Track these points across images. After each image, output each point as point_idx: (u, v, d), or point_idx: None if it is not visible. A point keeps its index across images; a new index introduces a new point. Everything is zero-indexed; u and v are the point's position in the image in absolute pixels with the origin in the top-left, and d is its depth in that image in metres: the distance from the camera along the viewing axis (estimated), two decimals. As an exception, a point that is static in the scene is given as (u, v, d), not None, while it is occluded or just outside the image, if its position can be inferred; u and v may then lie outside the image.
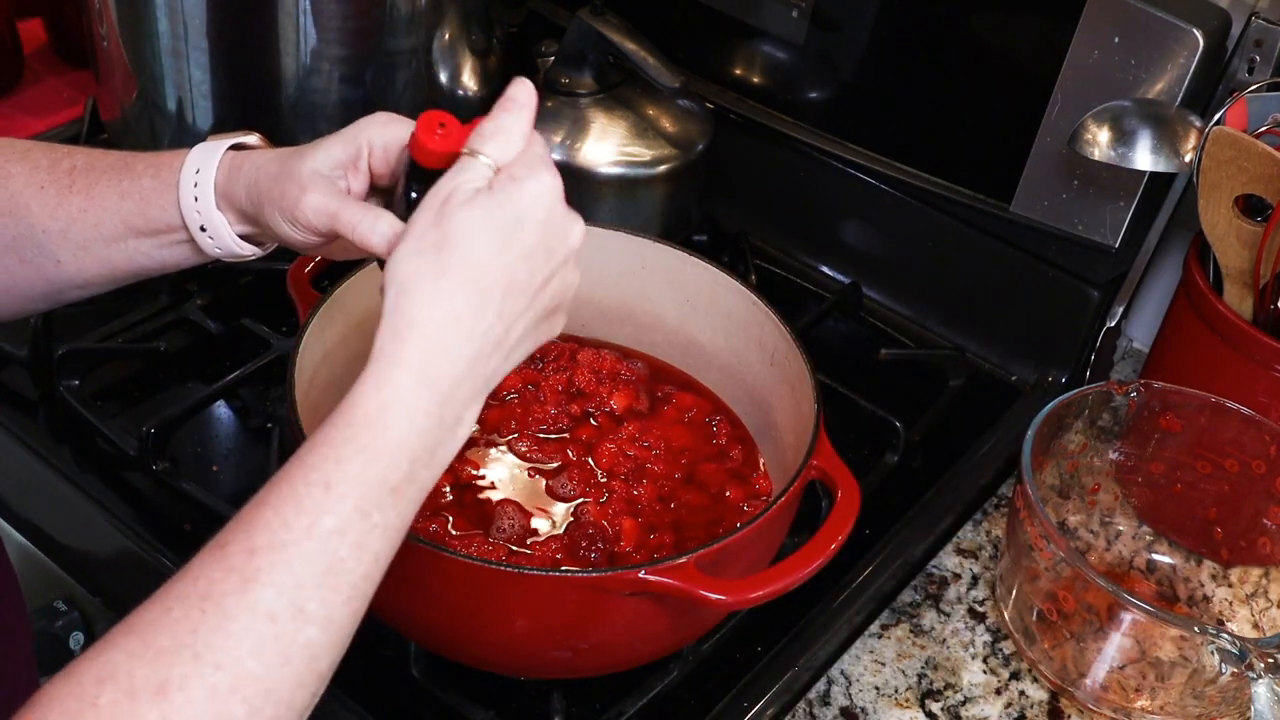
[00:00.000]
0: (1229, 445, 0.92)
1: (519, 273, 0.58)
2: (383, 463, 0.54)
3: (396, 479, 0.54)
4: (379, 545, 0.53)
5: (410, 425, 0.55)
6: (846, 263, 1.21)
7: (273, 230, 0.67)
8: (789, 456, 0.84)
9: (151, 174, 0.69)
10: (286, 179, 0.65)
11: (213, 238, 0.69)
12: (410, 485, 0.55)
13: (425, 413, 0.55)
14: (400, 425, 0.54)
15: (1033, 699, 0.86)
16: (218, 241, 0.69)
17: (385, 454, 0.54)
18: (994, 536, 0.98)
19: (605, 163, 1.10)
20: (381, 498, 0.53)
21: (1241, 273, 0.92)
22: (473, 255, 0.57)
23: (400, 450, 0.54)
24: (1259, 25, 0.96)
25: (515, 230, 0.58)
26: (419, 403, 0.55)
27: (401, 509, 0.55)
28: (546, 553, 0.80)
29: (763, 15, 1.14)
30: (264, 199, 0.66)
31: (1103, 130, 0.93)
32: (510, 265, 0.58)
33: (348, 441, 0.53)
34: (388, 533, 0.54)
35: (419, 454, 0.55)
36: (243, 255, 0.71)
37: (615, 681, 0.81)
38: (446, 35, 1.10)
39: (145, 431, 0.89)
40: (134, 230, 0.69)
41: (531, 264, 0.59)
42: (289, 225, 0.65)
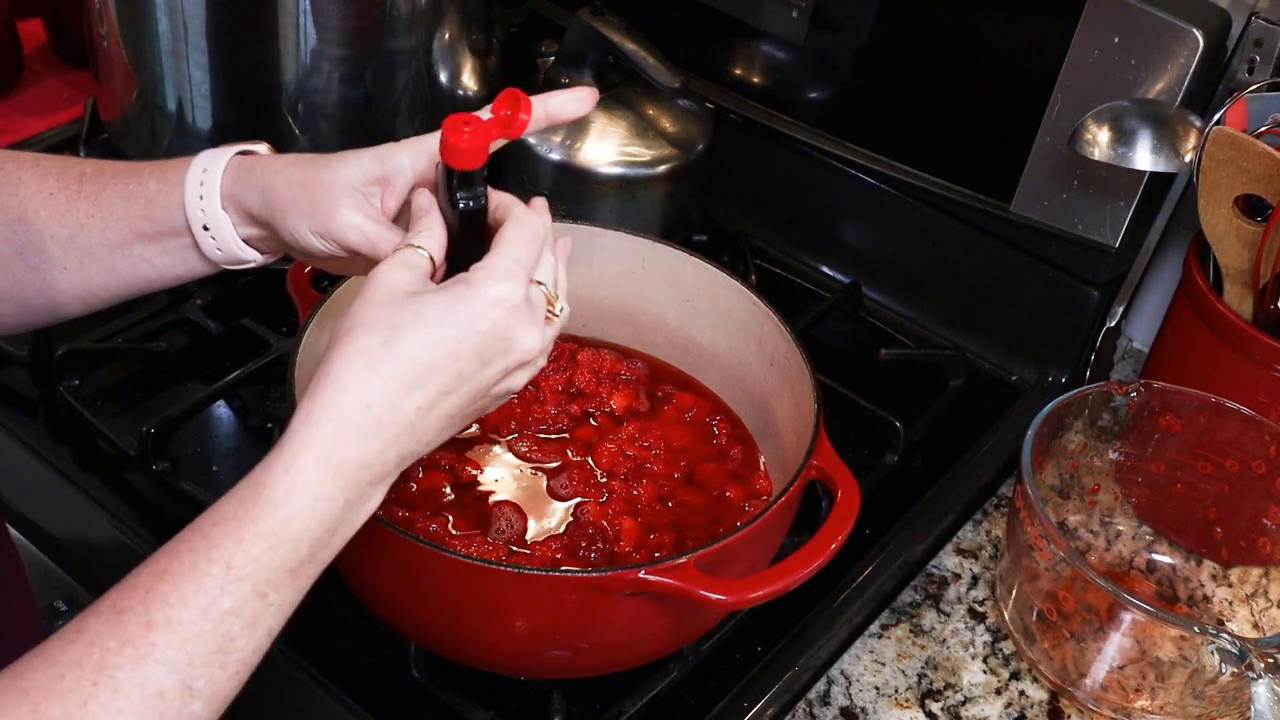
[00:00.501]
0: (1229, 445, 0.92)
1: (446, 375, 0.59)
2: (284, 549, 0.54)
3: (295, 562, 0.55)
4: (272, 622, 0.54)
5: (314, 512, 0.55)
6: (846, 263, 1.21)
7: (289, 236, 0.67)
8: (789, 456, 0.84)
9: (158, 178, 0.69)
10: (316, 188, 0.65)
11: (215, 238, 0.69)
12: (309, 565, 0.56)
13: (330, 499, 0.56)
14: (304, 513, 0.55)
15: (1033, 699, 0.86)
16: (220, 242, 0.69)
17: (287, 540, 0.54)
18: (994, 536, 0.98)
19: (605, 163, 1.10)
20: (280, 580, 0.54)
21: (1241, 273, 0.92)
22: (406, 354, 0.57)
23: (302, 535, 0.55)
24: (1259, 25, 0.96)
25: (456, 336, 0.59)
26: (325, 489, 0.55)
27: (298, 585, 0.56)
28: (546, 553, 0.80)
29: (763, 15, 1.14)
30: (286, 205, 0.66)
31: (1103, 130, 0.93)
32: (439, 366, 0.58)
33: (252, 523, 0.54)
34: (282, 609, 0.55)
35: (320, 538, 0.56)
36: (244, 260, 0.71)
37: (615, 681, 0.81)
38: (446, 35, 1.10)
39: (145, 431, 0.89)
40: (139, 234, 0.69)
41: (462, 368, 0.59)
42: (315, 236, 0.65)
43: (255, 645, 0.53)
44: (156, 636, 0.50)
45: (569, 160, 1.10)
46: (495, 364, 0.61)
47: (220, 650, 0.51)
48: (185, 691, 0.50)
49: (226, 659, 0.52)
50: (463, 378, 0.59)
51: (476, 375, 0.60)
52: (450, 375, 0.59)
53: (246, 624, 0.52)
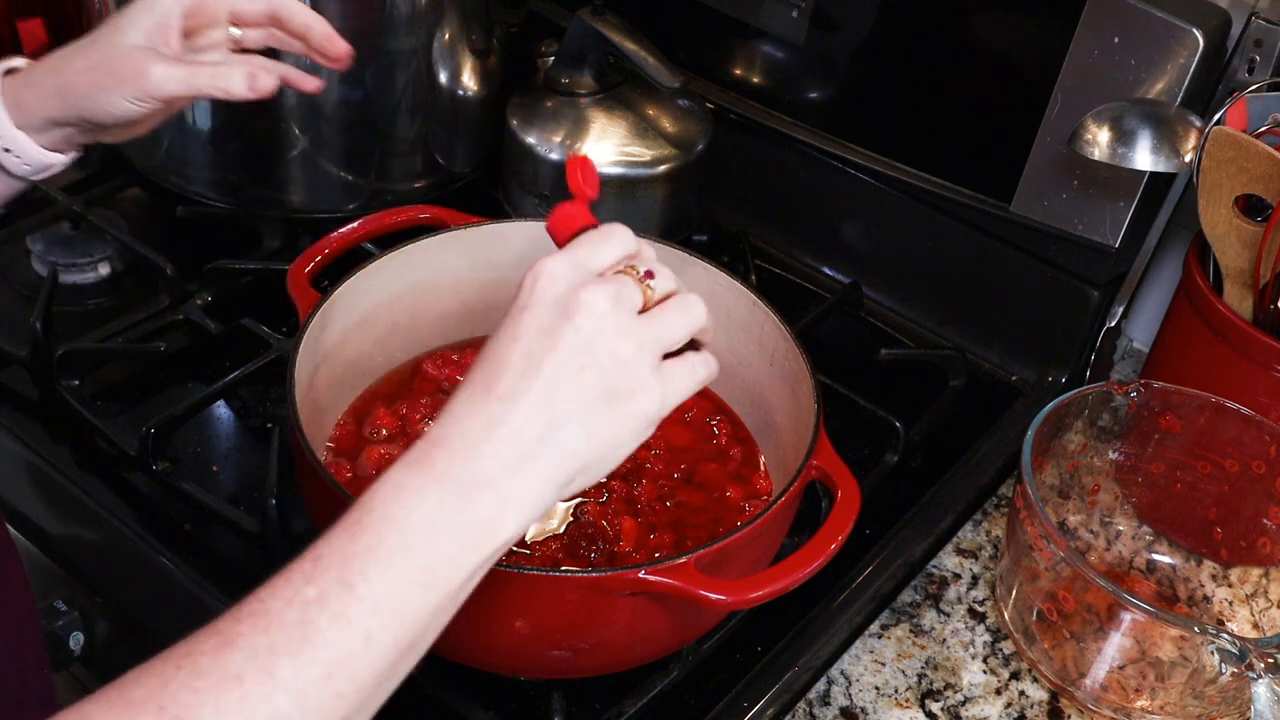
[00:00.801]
0: (1229, 445, 0.92)
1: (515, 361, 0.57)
2: (367, 537, 0.52)
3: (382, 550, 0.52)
4: (368, 621, 0.51)
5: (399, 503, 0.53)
6: (846, 263, 1.21)
7: (104, 114, 0.74)
8: (789, 456, 0.84)
9: None
10: (113, 63, 0.73)
11: (19, 156, 0.75)
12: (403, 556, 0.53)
13: (418, 490, 0.54)
14: (387, 502, 0.53)
15: (1033, 699, 0.86)
16: (25, 158, 0.75)
17: (370, 529, 0.53)
18: (994, 536, 0.98)
19: (605, 163, 1.10)
20: (367, 569, 0.52)
21: (1241, 273, 0.92)
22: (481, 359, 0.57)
23: (385, 524, 0.53)
24: (1259, 25, 0.96)
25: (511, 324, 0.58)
26: (409, 482, 0.54)
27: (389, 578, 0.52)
28: (546, 553, 0.80)
29: (763, 15, 1.14)
30: (90, 90, 0.73)
31: (1103, 130, 0.93)
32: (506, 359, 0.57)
33: (339, 523, 0.54)
34: (379, 608, 0.51)
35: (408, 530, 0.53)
36: (50, 165, 0.77)
37: (615, 681, 0.81)
38: (446, 35, 1.10)
39: (145, 431, 0.89)
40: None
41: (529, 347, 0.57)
42: (132, 102, 0.72)
43: (351, 648, 0.51)
44: (243, 626, 0.50)
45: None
46: (562, 335, 0.57)
47: (305, 641, 0.50)
48: (266, 679, 0.49)
49: (315, 654, 0.50)
50: (531, 358, 0.56)
51: (549, 353, 0.56)
52: (519, 361, 0.56)
53: (334, 616, 0.50)
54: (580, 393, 0.57)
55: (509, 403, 0.56)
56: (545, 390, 0.56)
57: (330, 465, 0.85)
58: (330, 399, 0.88)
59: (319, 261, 0.89)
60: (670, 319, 0.61)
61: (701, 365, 0.63)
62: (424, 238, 0.91)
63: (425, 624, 0.53)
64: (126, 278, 1.10)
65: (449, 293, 0.94)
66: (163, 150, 1.11)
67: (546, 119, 1.12)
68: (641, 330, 0.59)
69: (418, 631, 0.53)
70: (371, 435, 0.88)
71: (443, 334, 0.96)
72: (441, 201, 1.00)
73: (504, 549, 0.56)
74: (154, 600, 0.87)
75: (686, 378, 0.62)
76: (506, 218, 1.09)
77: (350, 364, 0.90)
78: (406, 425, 0.88)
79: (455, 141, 1.17)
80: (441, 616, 0.54)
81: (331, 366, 0.87)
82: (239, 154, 1.09)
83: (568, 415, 0.56)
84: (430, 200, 1.08)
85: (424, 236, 0.91)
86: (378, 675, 0.52)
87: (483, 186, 1.21)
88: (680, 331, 0.61)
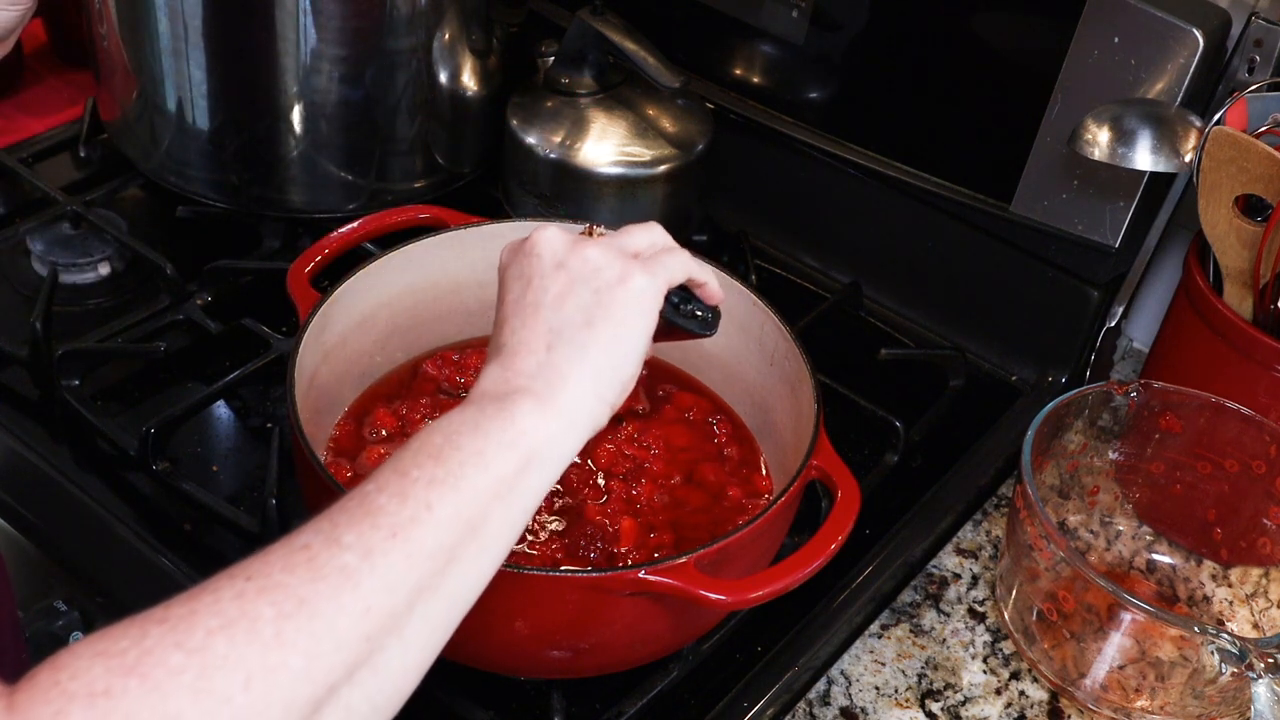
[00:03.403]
0: (1229, 445, 0.92)
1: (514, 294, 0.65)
2: (414, 443, 0.56)
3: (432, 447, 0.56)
4: (426, 493, 0.53)
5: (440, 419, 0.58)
6: (846, 263, 1.21)
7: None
8: (789, 456, 0.84)
9: None
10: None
11: None
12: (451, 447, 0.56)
13: (459, 411, 0.58)
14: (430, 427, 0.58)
15: (1033, 699, 0.86)
16: None
17: (416, 439, 0.56)
18: (994, 536, 0.98)
19: (605, 163, 1.10)
20: (420, 461, 0.54)
21: (1241, 273, 0.92)
22: None
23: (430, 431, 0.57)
24: (1259, 25, 0.96)
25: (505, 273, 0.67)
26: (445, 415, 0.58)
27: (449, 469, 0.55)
28: (546, 553, 0.80)
29: (763, 15, 1.14)
30: None
31: (1103, 130, 0.93)
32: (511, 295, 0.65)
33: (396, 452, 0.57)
34: (435, 484, 0.54)
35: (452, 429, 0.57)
36: None
37: (615, 681, 0.81)
38: (446, 35, 1.10)
39: (145, 431, 0.89)
40: None
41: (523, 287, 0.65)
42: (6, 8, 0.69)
43: (413, 513, 0.52)
44: (305, 525, 0.52)
45: (569, 160, 1.10)
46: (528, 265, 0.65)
47: (368, 514, 0.52)
48: (331, 543, 0.50)
49: (377, 520, 0.51)
50: (517, 300, 0.64)
51: (527, 285, 0.64)
52: (510, 310, 0.64)
53: (392, 495, 0.53)
54: (570, 300, 0.63)
55: (514, 337, 0.63)
56: (535, 309, 0.63)
57: (330, 465, 0.85)
58: (330, 399, 0.88)
59: (319, 261, 0.89)
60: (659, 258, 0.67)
61: (676, 257, 0.68)
62: (424, 238, 0.91)
63: (484, 503, 0.55)
64: (126, 278, 1.10)
65: (449, 293, 0.94)
66: (163, 150, 1.11)
67: (546, 119, 1.12)
68: (603, 242, 0.66)
69: (478, 510, 0.55)
70: (371, 435, 0.88)
71: (443, 334, 0.96)
72: (441, 201, 1.00)
73: (561, 451, 0.60)
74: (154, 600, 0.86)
75: (664, 265, 0.66)
76: (506, 218, 1.09)
77: (350, 364, 0.90)
78: (406, 425, 0.88)
79: (455, 141, 1.17)
80: (501, 505, 0.56)
81: (331, 366, 0.87)
82: (239, 154, 1.09)
83: (566, 321, 0.62)
84: (430, 200, 1.08)
85: (424, 236, 0.91)
86: (444, 547, 0.53)
87: (483, 186, 1.21)
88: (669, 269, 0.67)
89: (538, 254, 0.65)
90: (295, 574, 0.48)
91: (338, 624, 0.48)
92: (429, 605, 0.53)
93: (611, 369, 0.63)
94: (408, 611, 0.51)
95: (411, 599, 0.51)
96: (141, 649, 0.45)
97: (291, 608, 0.47)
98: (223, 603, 0.47)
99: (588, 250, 0.64)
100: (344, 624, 0.48)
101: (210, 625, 0.46)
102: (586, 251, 0.64)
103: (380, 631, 0.50)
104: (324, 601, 0.48)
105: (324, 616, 0.48)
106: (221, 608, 0.46)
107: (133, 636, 0.45)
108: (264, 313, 1.03)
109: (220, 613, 0.46)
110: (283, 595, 0.47)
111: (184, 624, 0.46)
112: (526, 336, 0.62)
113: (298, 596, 0.48)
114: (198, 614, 0.46)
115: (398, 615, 0.51)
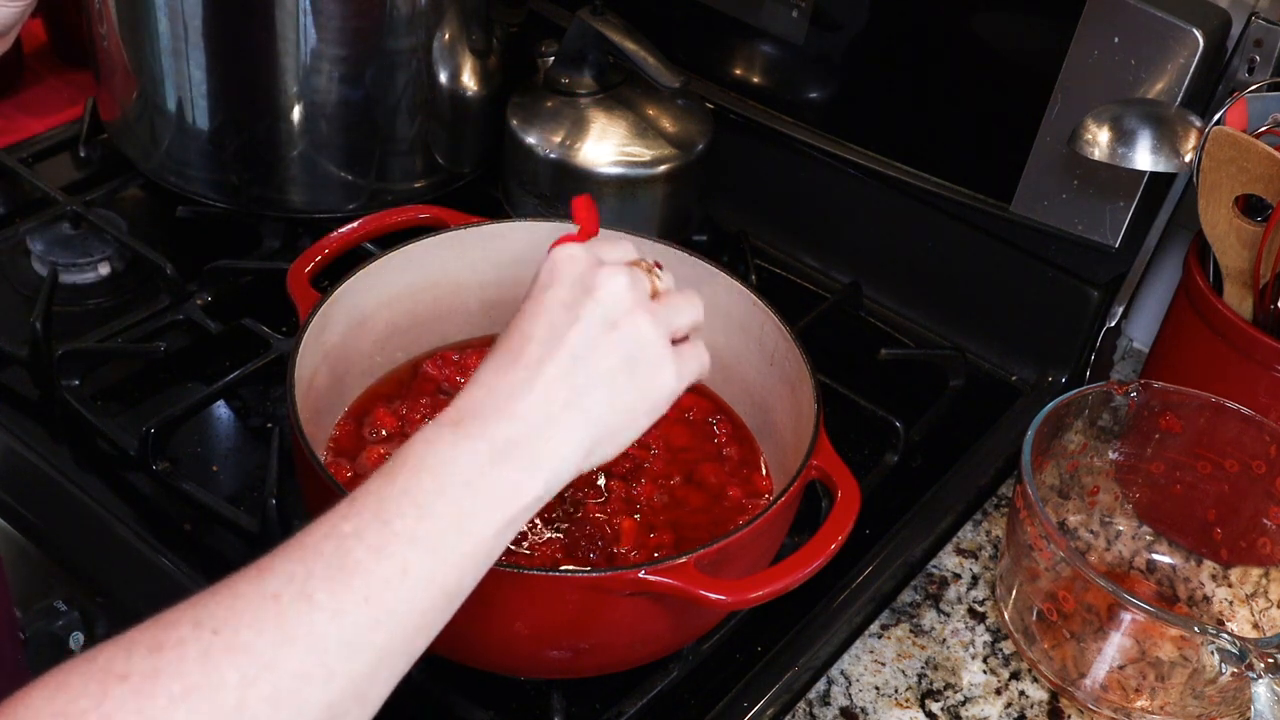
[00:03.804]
0: (1229, 445, 0.92)
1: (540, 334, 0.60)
2: (402, 481, 0.54)
3: (419, 493, 0.54)
4: (406, 554, 0.52)
5: (425, 449, 0.55)
6: (846, 263, 1.21)
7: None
8: (789, 456, 0.84)
9: None
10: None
11: None
12: (438, 499, 0.54)
13: (451, 443, 0.56)
14: (419, 447, 0.56)
15: (1033, 699, 0.86)
16: None
17: (405, 475, 0.54)
18: (994, 536, 0.98)
19: (605, 163, 1.10)
20: (404, 508, 0.53)
21: (1241, 273, 0.92)
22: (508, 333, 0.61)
23: (420, 471, 0.55)
24: (1259, 25, 0.96)
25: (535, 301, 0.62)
26: (441, 435, 0.56)
27: (421, 513, 0.54)
28: (546, 553, 0.80)
29: (763, 15, 1.14)
30: None
31: (1103, 130, 0.93)
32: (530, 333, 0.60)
33: (372, 476, 0.55)
34: (416, 540, 0.52)
35: (443, 476, 0.55)
36: None
37: (615, 681, 0.81)
38: (446, 35, 1.10)
39: (145, 431, 0.89)
40: None
41: (552, 320, 0.60)
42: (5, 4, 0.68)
43: (388, 575, 0.51)
44: (278, 559, 0.51)
45: (569, 160, 1.10)
46: (584, 308, 0.61)
47: (342, 568, 0.50)
48: (303, 600, 0.49)
49: (351, 579, 0.50)
50: (555, 329, 0.60)
51: (573, 324, 0.60)
52: (544, 332, 0.60)
53: (371, 548, 0.51)
54: (603, 362, 0.60)
55: (535, 370, 0.59)
56: (569, 359, 0.59)
57: (330, 465, 0.85)
58: (330, 399, 0.88)
59: (319, 261, 0.89)
60: (678, 304, 0.66)
61: (703, 352, 0.67)
62: (424, 238, 0.91)
63: (461, 571, 0.54)
64: (126, 278, 1.10)
65: (449, 292, 0.94)
66: (163, 150, 1.11)
67: (546, 119, 1.12)
68: (656, 309, 0.63)
69: (454, 578, 0.54)
70: (371, 435, 0.88)
71: (442, 334, 0.96)
72: (441, 201, 1.00)
73: (532, 511, 0.58)
74: (154, 600, 0.86)
75: (692, 360, 0.66)
76: (506, 218, 1.09)
77: (350, 364, 0.90)
78: (406, 425, 0.88)
79: (455, 141, 1.17)
80: (475, 570, 0.55)
81: (331, 366, 0.87)
82: (239, 154, 1.09)
83: (592, 382, 0.60)
84: (430, 200, 1.08)
85: (424, 236, 0.91)
86: (415, 612, 0.52)
87: (483, 186, 1.21)
88: (686, 318, 0.66)
89: (597, 299, 0.61)
90: (263, 634, 0.48)
91: (302, 693, 0.48)
92: (394, 667, 0.52)
93: (613, 446, 0.62)
94: (372, 676, 0.51)
95: (377, 665, 0.51)
96: (101, 713, 0.44)
97: (255, 673, 0.46)
98: (187, 661, 0.46)
99: (641, 324, 0.62)
100: (308, 692, 0.48)
101: (173, 691, 0.45)
102: (640, 324, 0.62)
103: (343, 698, 0.49)
104: (289, 665, 0.47)
105: (288, 684, 0.47)
106: (186, 668, 0.46)
107: (93, 695, 0.44)
108: (264, 313, 1.03)
109: (184, 674, 0.46)
110: (248, 659, 0.47)
111: (147, 686, 0.45)
112: (549, 376, 0.59)
113: (263, 661, 0.47)
114: (161, 674, 0.45)
115: (362, 680, 0.50)
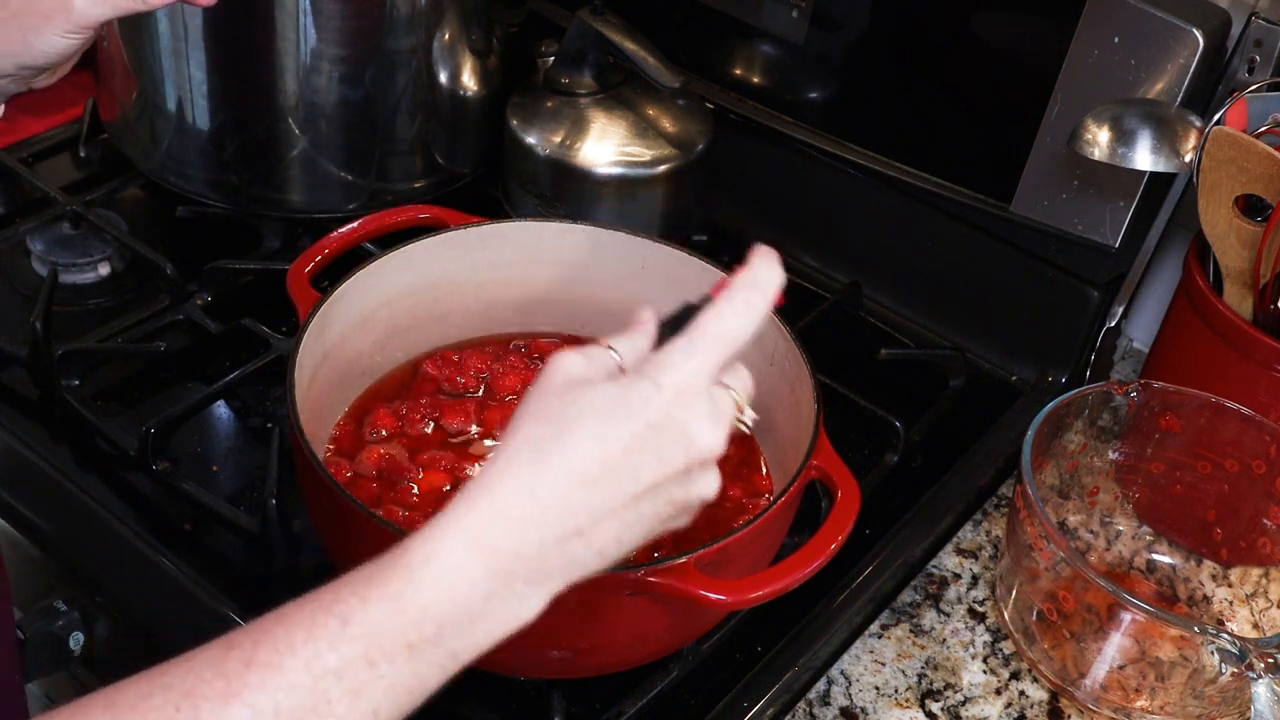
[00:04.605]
0: (1229, 445, 0.92)
1: (623, 471, 0.54)
2: (406, 618, 0.50)
3: (416, 638, 0.51)
4: (379, 700, 0.50)
5: (448, 588, 0.51)
6: (846, 263, 1.21)
7: (39, 56, 0.74)
8: (789, 456, 0.84)
9: None
10: (32, 4, 0.72)
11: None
12: (433, 648, 0.51)
13: (471, 581, 0.52)
14: (437, 586, 0.51)
15: (1033, 699, 0.86)
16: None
17: (413, 609, 0.51)
18: (994, 536, 0.98)
19: (605, 163, 1.10)
20: (395, 652, 0.50)
21: (1241, 273, 0.92)
22: (578, 445, 0.54)
23: (430, 610, 0.51)
24: (1259, 25, 0.96)
25: (631, 431, 0.54)
26: (466, 568, 0.52)
27: (416, 668, 0.51)
28: (546, 553, 0.80)
29: (763, 15, 1.14)
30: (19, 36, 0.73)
31: (1103, 130, 0.93)
32: (615, 462, 0.54)
33: (381, 584, 0.51)
34: (392, 690, 0.50)
35: (452, 619, 0.52)
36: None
37: (615, 681, 0.81)
38: (446, 35, 1.10)
39: (145, 431, 0.89)
40: None
41: (639, 464, 0.54)
42: (63, 36, 0.73)
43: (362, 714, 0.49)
44: (251, 677, 0.48)
45: (569, 160, 1.10)
46: (674, 460, 0.55)
47: (313, 710, 0.48)
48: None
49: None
50: (639, 476, 0.55)
51: (656, 472, 0.55)
52: (627, 472, 0.54)
53: (348, 691, 0.49)
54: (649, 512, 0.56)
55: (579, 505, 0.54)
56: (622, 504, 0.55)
57: (330, 465, 0.85)
58: (330, 399, 0.88)
59: (319, 261, 0.89)
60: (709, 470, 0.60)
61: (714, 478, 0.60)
62: (424, 238, 0.91)
63: (429, 696, 0.52)
64: (126, 278, 1.10)
65: (448, 293, 0.94)
66: (163, 150, 1.11)
67: (546, 119, 1.12)
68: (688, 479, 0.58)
69: (419, 702, 0.52)
70: (371, 435, 0.88)
71: (442, 334, 0.96)
72: (441, 201, 1.00)
73: None
74: (154, 600, 0.87)
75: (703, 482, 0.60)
76: (506, 218, 1.09)
77: (350, 364, 0.90)
78: (406, 425, 0.88)
79: (455, 141, 1.17)
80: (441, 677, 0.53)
81: (331, 366, 0.87)
82: (239, 154, 1.09)
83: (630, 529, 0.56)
84: (430, 200, 1.08)
85: (424, 236, 0.91)
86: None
87: (483, 186, 1.21)
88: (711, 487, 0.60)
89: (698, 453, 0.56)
90: None
91: None
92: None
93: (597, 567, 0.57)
94: None
95: None
96: None
97: None
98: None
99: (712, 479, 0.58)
100: None
101: None
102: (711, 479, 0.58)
103: None
104: None
105: None
106: None
107: None
108: (264, 313, 1.03)
109: None
110: None
111: None
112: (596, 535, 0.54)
113: None
114: None
115: None
